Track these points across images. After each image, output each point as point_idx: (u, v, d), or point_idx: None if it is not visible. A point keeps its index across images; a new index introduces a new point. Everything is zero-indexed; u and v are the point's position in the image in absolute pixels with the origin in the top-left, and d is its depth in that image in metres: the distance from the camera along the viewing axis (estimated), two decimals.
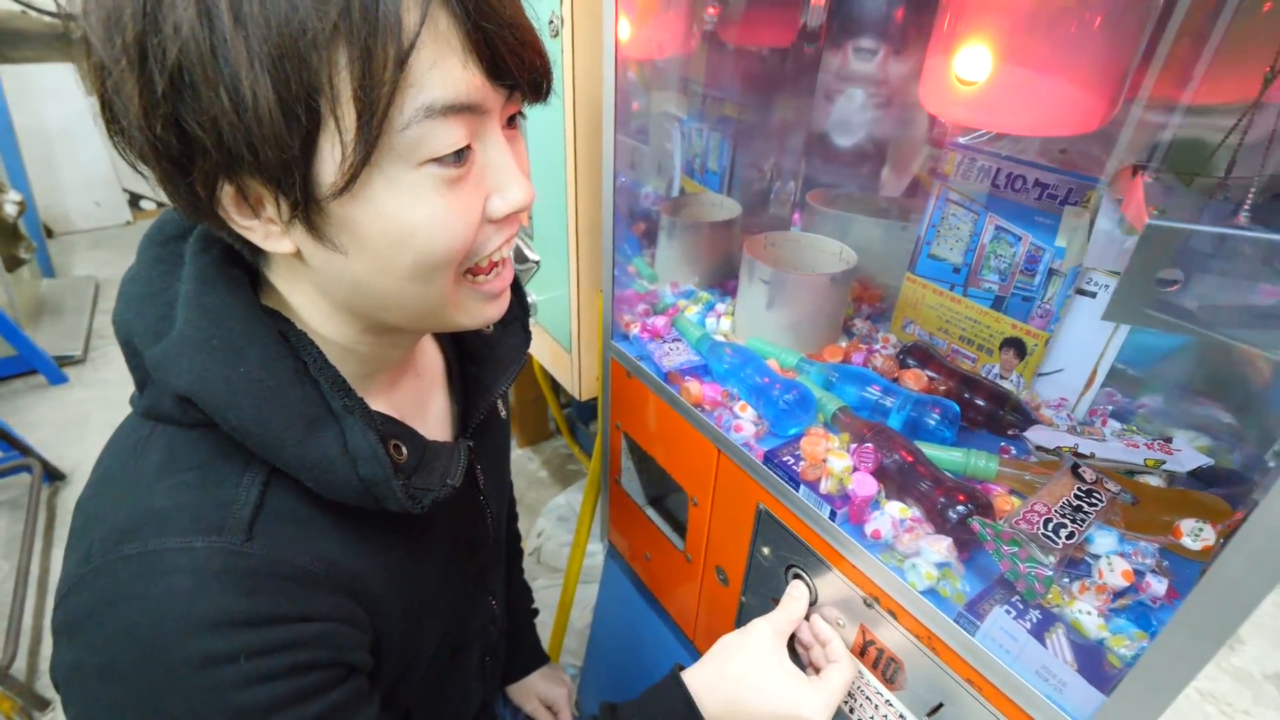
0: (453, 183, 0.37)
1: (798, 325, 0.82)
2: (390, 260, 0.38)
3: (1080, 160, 0.67)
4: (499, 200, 0.40)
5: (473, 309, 0.45)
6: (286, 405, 0.39)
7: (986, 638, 0.50)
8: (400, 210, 0.37)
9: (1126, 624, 0.49)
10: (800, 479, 0.65)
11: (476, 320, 0.45)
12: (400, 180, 0.36)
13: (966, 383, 0.74)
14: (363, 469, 0.40)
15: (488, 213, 0.40)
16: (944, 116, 0.59)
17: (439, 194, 0.37)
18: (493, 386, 0.58)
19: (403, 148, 0.35)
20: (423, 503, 0.43)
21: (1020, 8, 0.50)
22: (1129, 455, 0.62)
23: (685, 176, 1.14)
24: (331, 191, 0.35)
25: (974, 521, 0.53)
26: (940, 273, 0.80)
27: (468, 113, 0.36)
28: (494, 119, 0.39)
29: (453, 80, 0.35)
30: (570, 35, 0.79)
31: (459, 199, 0.38)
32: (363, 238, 0.37)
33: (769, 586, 0.73)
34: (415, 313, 0.43)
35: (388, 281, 0.39)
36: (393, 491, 0.41)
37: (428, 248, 0.38)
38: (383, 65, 0.32)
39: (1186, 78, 0.61)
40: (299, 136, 0.33)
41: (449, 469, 0.47)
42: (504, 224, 0.42)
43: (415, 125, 0.34)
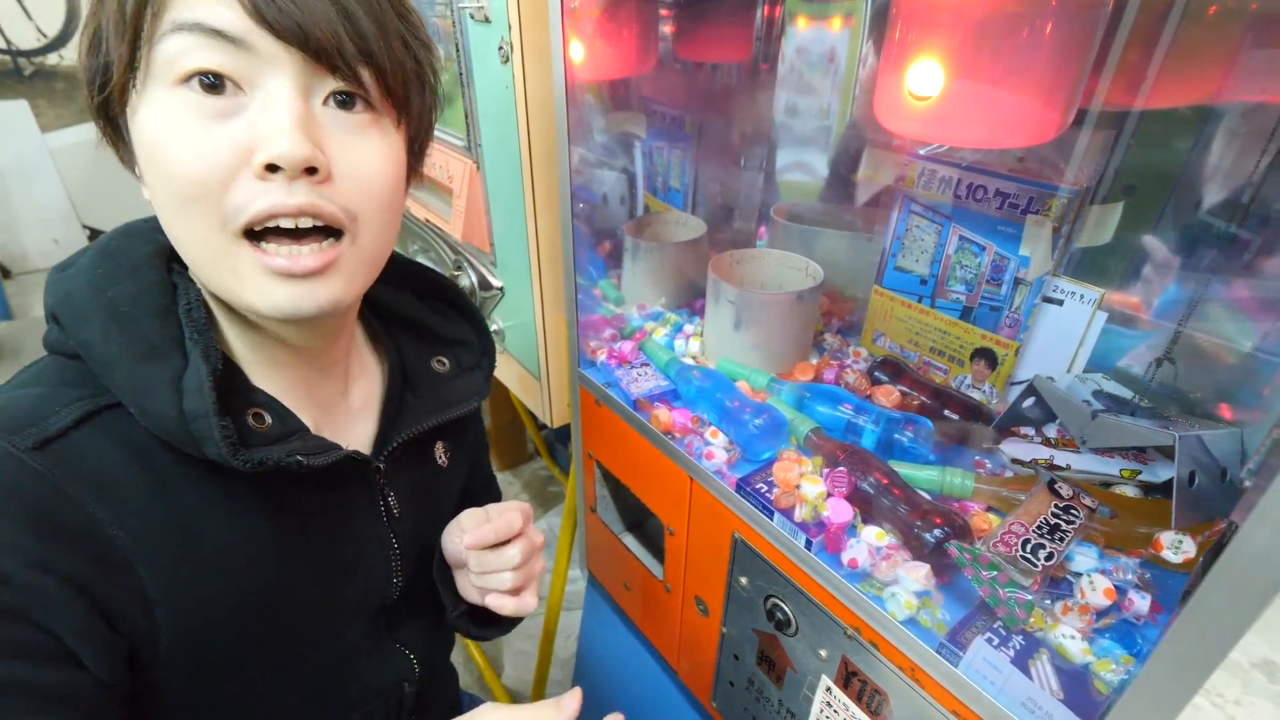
0: (207, 114, 0.38)
1: (767, 344, 0.81)
2: (155, 187, 0.40)
3: (1038, 168, 0.67)
4: (259, 150, 0.38)
5: (258, 283, 0.40)
6: (135, 331, 0.40)
7: (970, 669, 0.49)
8: (151, 124, 0.38)
9: (1111, 645, 0.48)
10: (774, 507, 0.63)
11: (265, 301, 0.41)
12: (157, 98, 0.38)
13: (939, 396, 0.73)
14: (187, 401, 0.39)
15: (251, 163, 0.38)
16: (899, 132, 0.58)
17: (191, 119, 0.38)
18: (422, 418, 0.56)
19: (158, 65, 0.37)
20: (248, 458, 0.40)
21: (969, 22, 0.49)
22: (1104, 466, 0.61)
23: (649, 195, 1.12)
24: (118, 108, 0.39)
25: (952, 546, 0.52)
26: (908, 285, 0.79)
27: (222, 40, 0.37)
28: (277, 71, 0.38)
29: (203, 4, 0.36)
30: (520, 60, 0.78)
31: (210, 132, 0.38)
32: (141, 159, 0.40)
33: (749, 617, 0.71)
34: (198, 267, 0.42)
35: (163, 216, 0.41)
36: (210, 430, 0.39)
37: (171, 172, 0.38)
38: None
39: (1138, 84, 0.61)
40: (102, 52, 0.38)
41: (311, 451, 0.44)
42: (278, 184, 0.38)
43: (165, 40, 0.37)
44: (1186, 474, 0.51)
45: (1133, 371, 0.67)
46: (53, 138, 3.35)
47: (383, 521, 0.55)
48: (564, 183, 0.79)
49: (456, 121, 0.97)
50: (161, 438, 0.40)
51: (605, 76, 0.95)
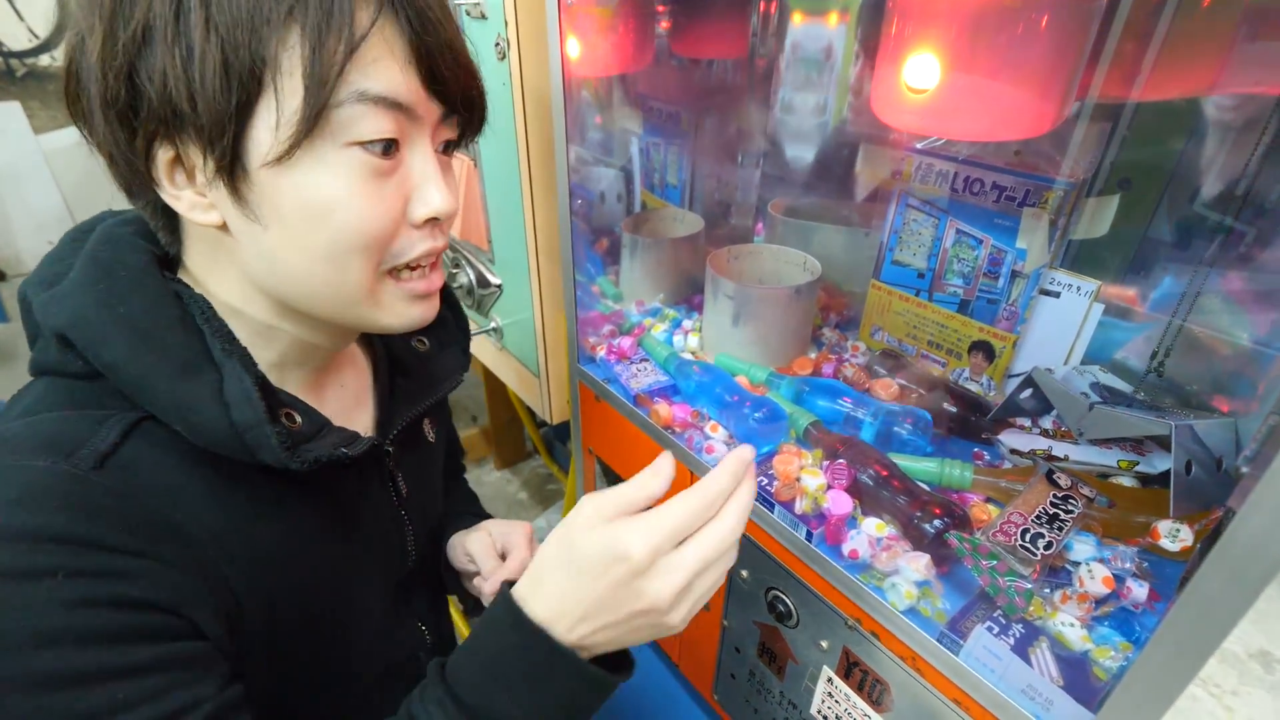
0: (376, 173, 0.40)
1: (765, 339, 0.81)
2: (306, 237, 0.40)
3: (1035, 161, 0.67)
4: (418, 204, 0.43)
5: (397, 308, 0.45)
6: (162, 347, 0.40)
7: (970, 657, 0.49)
8: (321, 185, 0.39)
9: (1110, 633, 0.48)
10: (775, 499, 0.63)
11: (401, 320, 0.46)
12: (326, 157, 0.39)
13: (937, 389, 0.74)
14: (235, 413, 0.39)
15: (409, 216, 0.43)
16: (896, 125, 0.58)
17: (361, 178, 0.39)
18: (418, 400, 0.58)
19: (334, 126, 0.38)
20: (304, 459, 0.41)
21: (965, 15, 0.50)
22: (1102, 457, 0.61)
23: (646, 191, 1.12)
24: (265, 160, 0.37)
25: (951, 536, 0.52)
26: (905, 278, 0.80)
27: (399, 111, 0.40)
28: (425, 130, 0.42)
29: (390, 77, 0.39)
30: (517, 56, 0.78)
31: (379, 189, 0.40)
32: (282, 209, 0.39)
33: (750, 609, 0.71)
34: (332, 301, 0.43)
35: (303, 261, 0.41)
36: (267, 438, 0.40)
37: (343, 227, 0.40)
38: (333, 50, 0.36)
39: (1134, 76, 0.61)
40: (236, 97, 0.36)
41: (346, 442, 0.46)
42: (427, 231, 0.44)
43: (348, 105, 0.38)
44: (1184, 464, 0.51)
45: (1130, 363, 0.68)
46: (46, 139, 3.33)
47: (394, 502, 0.57)
48: (562, 179, 0.79)
49: None
50: (211, 449, 0.40)
51: (602, 73, 0.95)
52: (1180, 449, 0.52)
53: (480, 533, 0.64)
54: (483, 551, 0.63)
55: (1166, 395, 0.65)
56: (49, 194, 3.75)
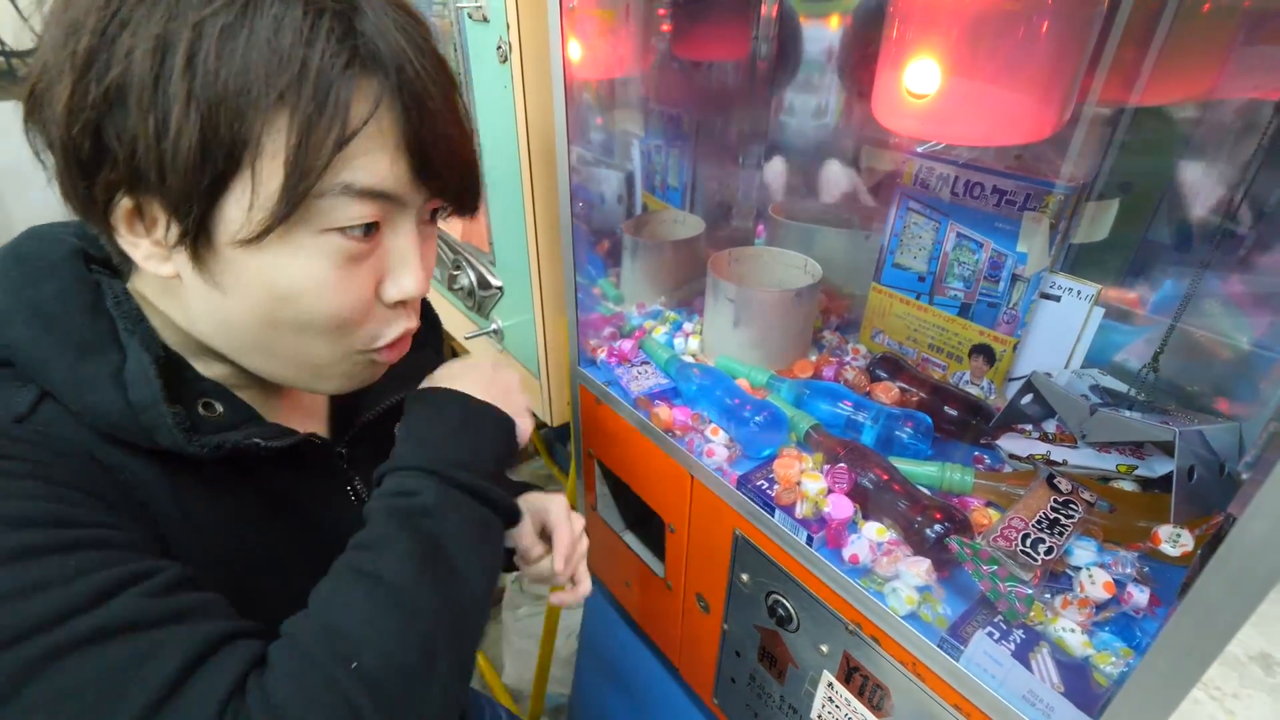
0: (351, 257, 0.39)
1: (766, 342, 0.81)
2: (270, 313, 0.39)
3: (1035, 165, 0.67)
4: (391, 286, 0.42)
5: (355, 373, 0.46)
6: (65, 329, 0.39)
7: (971, 663, 0.49)
8: (291, 269, 0.38)
9: (1111, 638, 0.48)
10: (775, 503, 0.63)
11: (347, 385, 0.46)
12: (298, 242, 0.37)
13: (938, 392, 0.74)
14: (132, 393, 0.38)
15: (380, 295, 0.42)
16: (897, 130, 0.58)
17: (334, 264, 0.39)
18: (379, 398, 0.56)
19: (312, 213, 0.37)
20: (203, 443, 0.40)
21: (966, 21, 0.50)
22: (1101, 461, 0.61)
23: (647, 193, 1.12)
24: (235, 239, 0.36)
25: (952, 541, 0.52)
26: (906, 282, 0.80)
27: (382, 199, 0.39)
28: (410, 211, 0.42)
29: (378, 171, 0.38)
30: (519, 60, 0.78)
31: (352, 275, 0.40)
32: (246, 284, 0.38)
33: (750, 613, 0.71)
34: (286, 363, 0.43)
35: (263, 329, 0.40)
36: (161, 418, 0.38)
37: (310, 311, 0.39)
38: (321, 142, 0.35)
39: (1133, 80, 0.61)
40: (210, 175, 0.34)
41: (270, 435, 0.44)
42: (401, 311, 0.44)
43: (330, 196, 0.37)
44: (1186, 468, 0.51)
45: (1130, 366, 0.68)
46: None
47: (352, 503, 0.55)
48: (563, 181, 0.79)
49: None
50: (108, 432, 0.39)
51: (604, 76, 0.95)
52: (1184, 454, 0.51)
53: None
54: (521, 528, 0.61)
55: (1167, 399, 0.65)
56: (49, 194, 3.75)
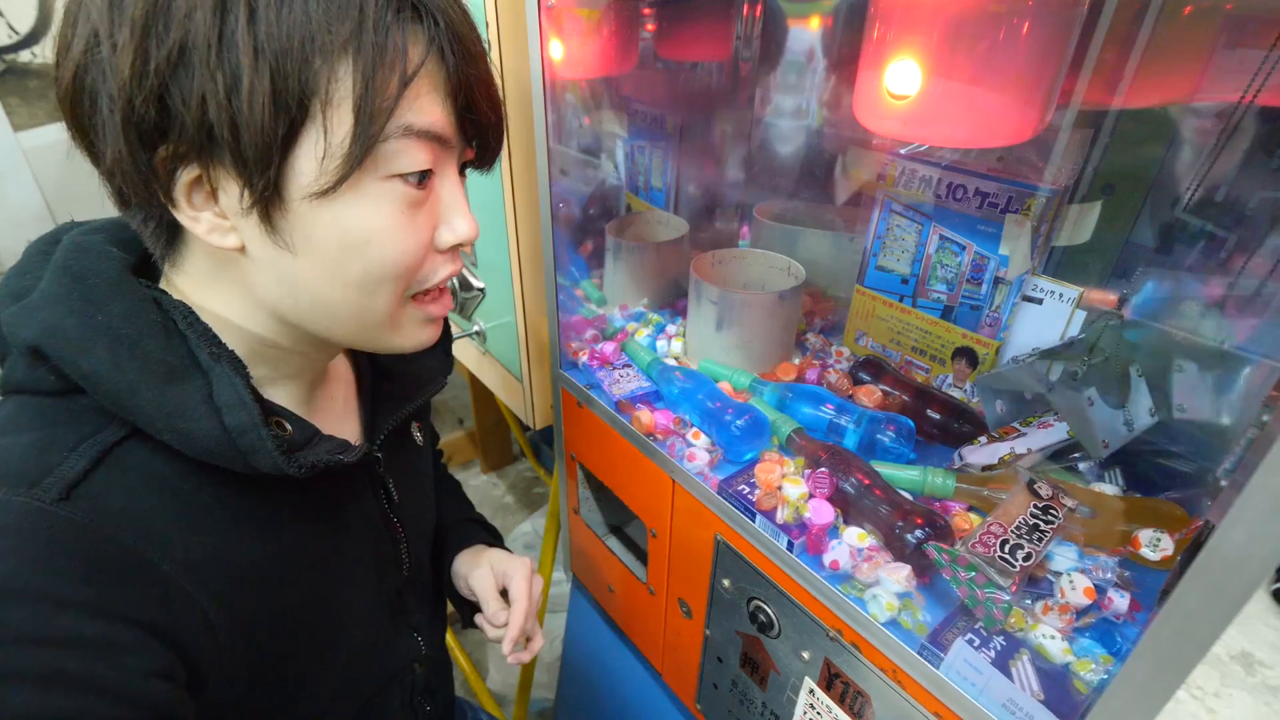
0: (412, 203, 0.40)
1: (749, 344, 0.80)
2: (339, 266, 0.40)
3: (1018, 167, 0.67)
4: (446, 231, 0.43)
5: (412, 330, 0.46)
6: (145, 352, 0.38)
7: (951, 670, 0.48)
8: (360, 218, 0.39)
9: (1091, 644, 0.48)
10: (756, 508, 0.62)
11: (412, 342, 0.47)
12: (365, 189, 0.38)
13: (921, 395, 0.73)
14: (228, 417, 0.38)
15: (435, 242, 0.43)
16: (878, 131, 0.58)
17: (398, 210, 0.40)
18: (405, 401, 0.58)
19: (378, 159, 0.38)
20: (301, 463, 0.40)
21: (946, 22, 0.49)
22: (1051, 436, 0.61)
23: (630, 194, 1.12)
24: (308, 191, 0.37)
25: (930, 548, 0.51)
26: (889, 284, 0.79)
27: (436, 143, 0.40)
28: (454, 158, 0.43)
29: (432, 111, 0.39)
30: (498, 57, 0.77)
31: (414, 219, 0.41)
32: (317, 239, 0.38)
33: (732, 619, 0.70)
34: (353, 325, 0.43)
35: (332, 288, 0.40)
36: (263, 442, 0.38)
37: (379, 258, 0.40)
38: (386, 84, 0.36)
39: (1116, 83, 0.61)
40: (284, 127, 0.35)
41: (340, 450, 0.45)
42: (450, 255, 0.45)
43: (394, 139, 0.37)
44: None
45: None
46: (26, 137, 3.28)
47: (385, 509, 0.56)
48: (543, 182, 0.78)
49: None
50: (200, 459, 0.38)
51: (585, 75, 0.94)
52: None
53: (482, 569, 0.66)
54: (485, 589, 0.65)
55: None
56: (28, 192, 3.70)
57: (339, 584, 0.50)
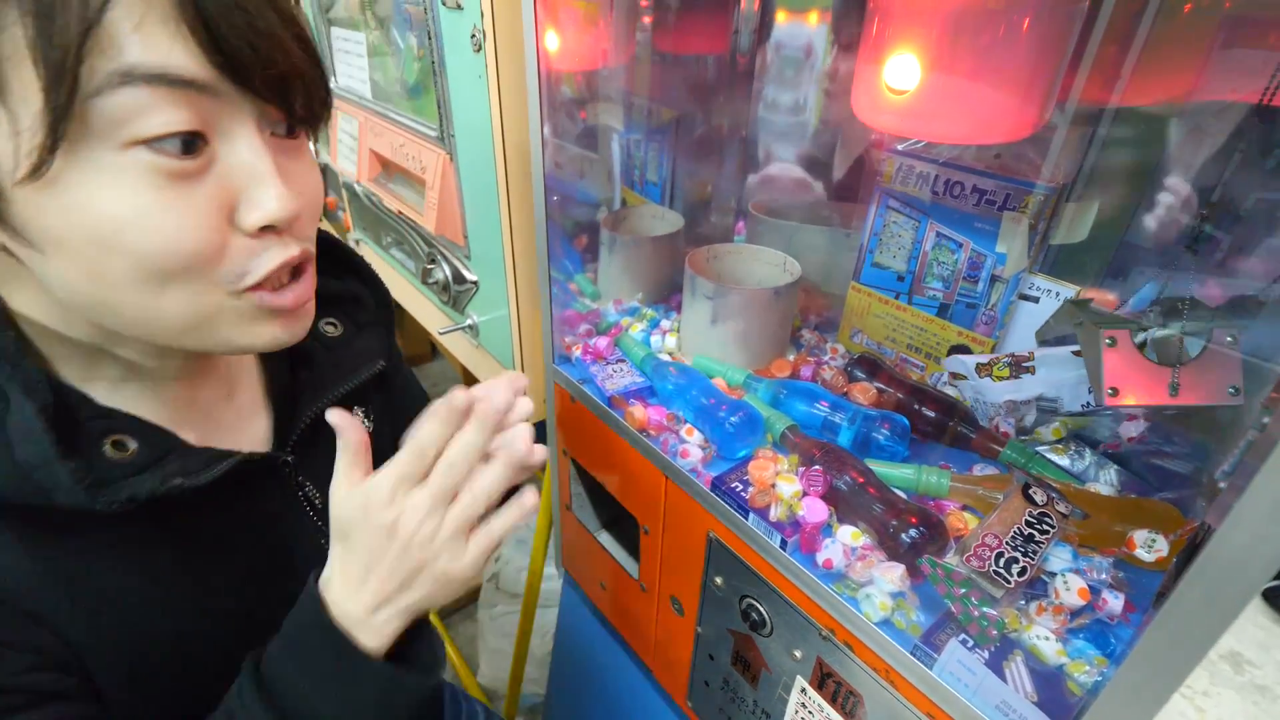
0: (176, 176, 0.32)
1: (744, 340, 0.80)
2: (98, 264, 0.32)
3: (1015, 165, 0.66)
4: (248, 209, 0.35)
5: (255, 327, 0.38)
6: None
7: (944, 671, 0.48)
8: (102, 201, 0.31)
9: (1085, 646, 0.48)
10: (749, 506, 0.62)
11: (260, 341, 0.39)
12: (101, 164, 0.31)
13: (916, 393, 0.73)
14: (19, 450, 0.33)
15: (239, 223, 0.35)
16: (876, 126, 0.57)
17: (155, 187, 0.32)
18: (329, 389, 0.51)
19: (100, 123, 0.30)
20: (113, 498, 0.35)
21: (947, 16, 0.48)
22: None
23: (626, 188, 1.11)
24: (17, 180, 0.30)
25: (924, 562, 0.51)
26: (885, 281, 0.79)
27: (190, 91, 0.31)
28: (240, 114, 0.34)
29: (159, 46, 0.30)
30: (493, 48, 0.76)
31: (186, 197, 0.33)
32: (56, 233, 0.31)
33: (724, 617, 0.70)
34: (154, 331, 0.36)
35: (102, 290, 0.33)
36: (56, 478, 0.33)
37: (140, 252, 0.32)
38: (65, 22, 0.28)
39: (1114, 81, 0.61)
40: None
41: (193, 470, 0.39)
42: (271, 238, 0.37)
43: (110, 93, 0.29)
44: None
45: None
46: None
47: (308, 515, 0.50)
48: (537, 175, 0.77)
49: (429, 111, 0.95)
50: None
51: (582, 67, 0.93)
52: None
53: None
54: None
55: None
56: None
57: (239, 604, 0.45)
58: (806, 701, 0.62)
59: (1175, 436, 0.60)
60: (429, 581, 0.40)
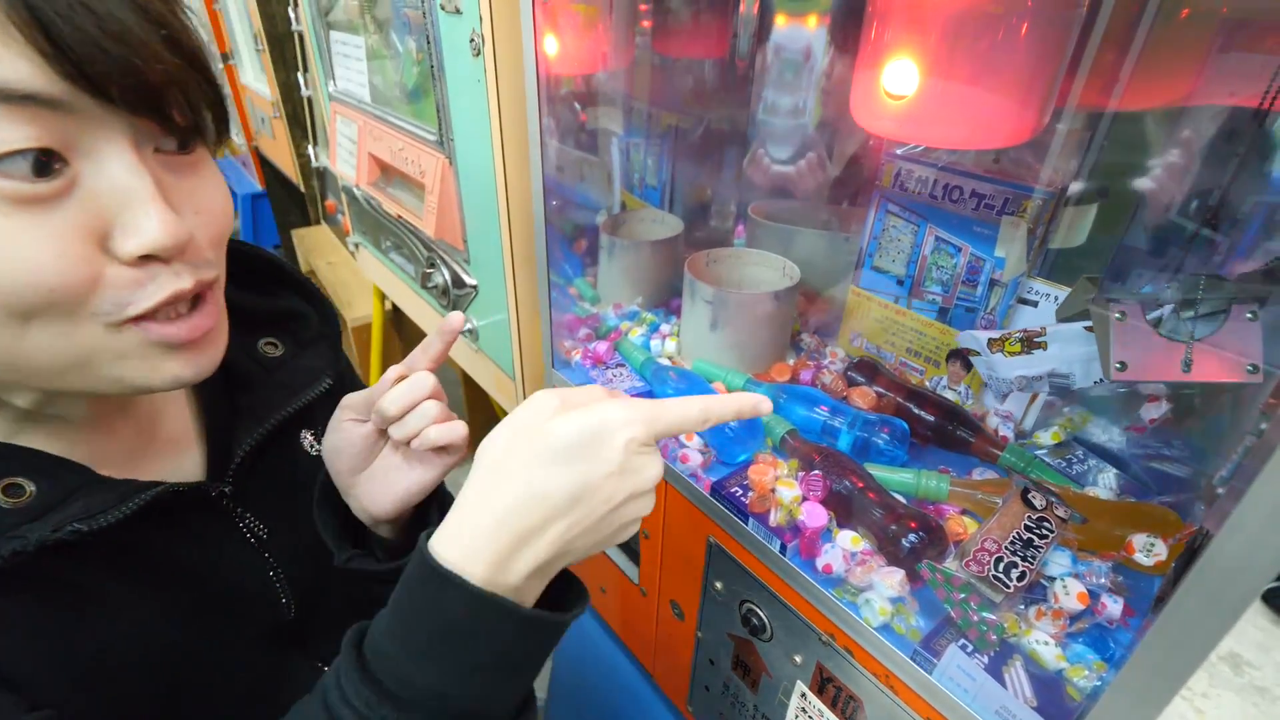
0: (27, 202, 0.29)
1: (743, 345, 0.80)
2: None
3: (1014, 169, 0.67)
4: (123, 236, 0.31)
5: (146, 364, 0.35)
6: None
7: (944, 676, 0.48)
8: None
9: (1084, 650, 0.48)
10: (749, 511, 0.62)
11: (157, 379, 0.35)
12: None
13: (915, 398, 0.73)
14: None
15: (114, 252, 0.32)
16: (875, 131, 0.57)
17: (17, 214, 0.29)
18: (270, 413, 0.48)
19: None
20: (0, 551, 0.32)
21: (945, 21, 0.49)
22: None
23: (625, 192, 1.11)
24: None
25: (924, 567, 0.51)
26: (884, 285, 0.79)
27: (33, 106, 0.28)
28: (107, 131, 0.31)
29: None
30: (492, 53, 0.76)
31: (41, 224, 0.29)
32: None
33: (724, 622, 0.70)
34: (34, 370, 0.33)
35: None
36: None
37: (11, 283, 0.29)
38: None
39: (1112, 85, 0.61)
40: None
41: (97, 510, 0.36)
42: (158, 266, 0.33)
43: None
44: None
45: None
46: None
47: (250, 546, 0.48)
48: (537, 179, 0.77)
49: (428, 115, 0.95)
50: None
51: (581, 71, 0.93)
52: None
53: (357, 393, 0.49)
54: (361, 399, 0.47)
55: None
56: None
57: (174, 641, 0.42)
58: (807, 706, 0.62)
59: (1174, 440, 0.60)
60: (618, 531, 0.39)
